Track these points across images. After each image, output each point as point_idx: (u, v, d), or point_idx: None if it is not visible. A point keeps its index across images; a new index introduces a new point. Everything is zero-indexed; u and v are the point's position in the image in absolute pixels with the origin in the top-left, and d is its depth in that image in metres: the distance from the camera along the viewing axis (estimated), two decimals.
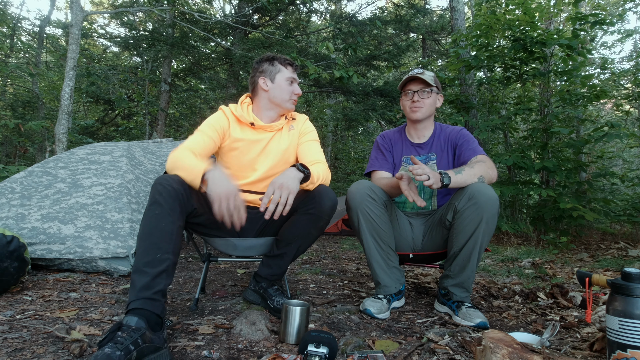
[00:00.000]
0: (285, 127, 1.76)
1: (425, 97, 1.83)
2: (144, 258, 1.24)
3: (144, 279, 1.21)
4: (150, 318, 1.16)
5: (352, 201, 1.70)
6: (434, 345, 1.31)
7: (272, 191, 1.33)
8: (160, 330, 1.18)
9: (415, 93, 1.82)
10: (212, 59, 8.81)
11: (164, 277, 1.24)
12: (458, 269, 1.64)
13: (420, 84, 1.82)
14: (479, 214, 1.54)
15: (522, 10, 4.69)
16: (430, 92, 1.83)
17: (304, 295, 2.00)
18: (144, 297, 1.18)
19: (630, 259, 3.30)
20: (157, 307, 1.20)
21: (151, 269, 1.22)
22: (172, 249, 1.29)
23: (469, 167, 1.65)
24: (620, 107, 6.34)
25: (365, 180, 1.77)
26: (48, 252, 2.24)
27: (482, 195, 1.54)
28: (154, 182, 1.38)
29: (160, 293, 1.22)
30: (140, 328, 1.10)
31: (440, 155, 1.87)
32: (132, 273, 1.25)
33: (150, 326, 1.14)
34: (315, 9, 8.79)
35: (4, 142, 9.77)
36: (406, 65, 12.15)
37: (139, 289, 1.20)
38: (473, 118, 5.53)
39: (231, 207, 1.27)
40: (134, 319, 1.12)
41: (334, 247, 4.35)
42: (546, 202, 4.53)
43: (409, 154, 1.91)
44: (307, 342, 1.14)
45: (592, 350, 1.23)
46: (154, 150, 3.65)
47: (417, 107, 1.83)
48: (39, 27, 9.52)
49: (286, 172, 1.42)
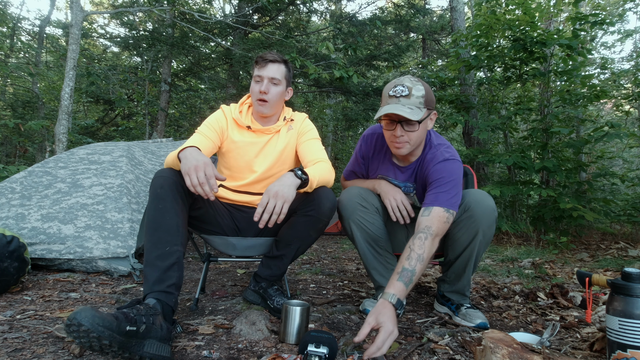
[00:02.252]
0: (284, 128, 1.74)
1: (412, 130, 1.43)
2: (154, 252, 1.27)
3: (155, 273, 1.24)
4: (165, 307, 1.20)
5: (344, 211, 1.64)
6: (434, 345, 1.31)
7: (266, 200, 1.31)
8: (172, 325, 1.22)
9: (398, 125, 1.43)
10: (212, 59, 8.80)
11: (175, 269, 1.27)
12: (454, 277, 1.63)
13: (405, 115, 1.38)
14: (474, 227, 1.49)
15: (522, 10, 4.69)
16: (417, 124, 1.42)
17: (304, 295, 2.00)
18: (158, 290, 1.22)
19: (630, 259, 3.30)
20: (171, 299, 1.23)
21: (162, 262, 1.26)
22: (180, 240, 1.32)
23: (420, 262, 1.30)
24: (620, 107, 6.34)
25: (354, 187, 1.68)
26: (48, 252, 2.24)
27: (478, 207, 1.48)
28: (154, 176, 1.40)
29: (174, 286, 1.26)
30: (156, 309, 1.15)
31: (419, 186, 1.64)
32: (144, 267, 1.28)
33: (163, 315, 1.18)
34: (315, 9, 8.78)
35: (4, 142, 9.77)
36: (406, 65, 12.15)
37: (152, 282, 1.23)
38: (473, 118, 5.53)
39: (201, 177, 1.24)
40: (153, 301, 1.18)
41: (334, 247, 4.35)
42: (546, 202, 4.53)
43: (385, 173, 1.71)
44: (307, 342, 1.14)
45: (592, 350, 1.23)
46: (154, 150, 3.65)
47: (401, 142, 1.47)
48: (39, 27, 9.52)
49: (282, 178, 1.38)
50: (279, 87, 1.65)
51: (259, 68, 1.64)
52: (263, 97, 1.62)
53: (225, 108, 1.73)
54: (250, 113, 1.73)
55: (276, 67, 1.64)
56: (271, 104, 1.65)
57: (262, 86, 1.61)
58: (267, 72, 1.62)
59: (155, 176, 1.39)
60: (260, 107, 1.64)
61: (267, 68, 1.63)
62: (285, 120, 1.74)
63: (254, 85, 1.64)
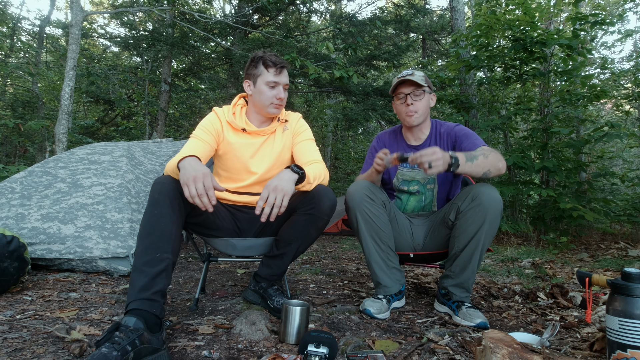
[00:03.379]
0: (279, 129, 1.74)
1: (419, 99, 1.78)
2: (143, 257, 1.25)
3: (143, 279, 1.21)
4: (148, 319, 1.16)
5: (351, 202, 1.70)
6: (434, 345, 1.31)
7: (266, 194, 1.32)
8: (159, 331, 1.17)
9: (408, 96, 1.78)
10: (212, 59, 8.80)
11: (163, 277, 1.24)
12: (459, 270, 1.64)
13: (412, 86, 1.77)
14: (482, 215, 1.54)
15: (522, 10, 4.69)
16: (422, 93, 1.78)
17: (304, 295, 2.00)
18: (143, 297, 1.18)
19: (630, 259, 3.30)
20: (156, 307, 1.20)
21: (150, 269, 1.23)
22: (172, 248, 1.29)
23: (483, 156, 1.54)
24: (620, 107, 6.35)
25: (363, 181, 1.76)
26: (48, 252, 2.24)
27: (485, 196, 1.54)
28: (154, 182, 1.39)
29: (160, 294, 1.22)
30: (138, 329, 1.09)
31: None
32: (131, 272, 1.25)
33: (148, 327, 1.14)
34: (315, 9, 8.79)
35: (4, 142, 9.77)
36: (406, 65, 12.15)
37: (138, 289, 1.19)
38: (473, 118, 5.53)
39: (199, 189, 1.24)
40: (132, 320, 1.11)
41: (334, 247, 4.35)
42: (546, 202, 4.53)
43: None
44: (307, 342, 1.14)
45: (592, 350, 1.23)
46: (154, 150, 3.65)
47: (412, 111, 1.78)
48: (39, 27, 9.53)
49: (280, 174, 1.41)
50: (286, 91, 1.71)
51: (274, 74, 1.62)
52: (280, 103, 1.66)
53: (218, 110, 1.72)
54: (243, 114, 1.72)
55: (286, 73, 1.68)
56: (283, 106, 1.72)
57: (280, 93, 1.64)
58: (282, 78, 1.64)
59: (154, 182, 1.39)
60: (276, 109, 1.67)
61: (283, 74, 1.64)
62: (279, 121, 1.74)
63: (268, 90, 1.62)
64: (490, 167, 1.53)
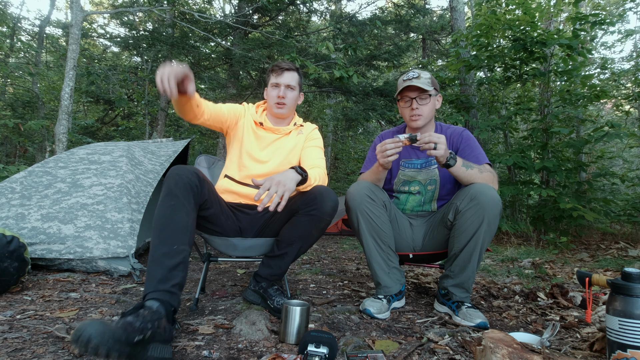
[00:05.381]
0: (294, 132, 1.88)
1: (424, 104, 1.78)
2: (161, 249, 1.26)
3: (161, 271, 1.22)
4: (167, 309, 1.18)
5: (352, 202, 1.70)
6: (434, 345, 1.31)
7: (269, 184, 1.34)
8: (172, 324, 1.20)
9: (414, 100, 1.78)
10: (212, 59, 8.80)
11: (180, 269, 1.26)
12: (458, 269, 1.64)
13: (417, 91, 1.77)
14: (480, 215, 1.54)
15: (522, 10, 4.69)
16: (428, 97, 1.78)
17: (304, 295, 2.00)
18: (163, 289, 1.20)
19: (630, 259, 3.30)
20: (175, 300, 1.22)
21: (168, 260, 1.24)
22: (188, 240, 1.32)
23: (479, 170, 1.63)
24: (620, 107, 6.35)
25: (364, 181, 1.76)
26: (48, 252, 2.24)
27: (484, 196, 1.54)
28: (170, 173, 1.40)
29: (178, 286, 1.24)
30: (160, 312, 1.13)
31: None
32: (149, 263, 1.26)
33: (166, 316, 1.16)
34: (315, 9, 8.77)
35: (4, 142, 9.78)
36: (406, 65, 12.15)
37: (157, 281, 1.21)
38: (473, 118, 5.53)
39: (166, 71, 1.24)
40: (156, 304, 1.15)
41: (334, 247, 4.35)
42: (546, 202, 4.53)
43: (408, 157, 1.90)
44: (307, 342, 1.14)
45: (592, 350, 1.23)
46: (154, 150, 3.64)
47: (417, 115, 1.79)
48: (39, 27, 9.53)
49: (285, 172, 1.44)
50: (294, 91, 1.84)
51: (275, 76, 1.80)
52: (282, 101, 1.80)
53: (245, 104, 1.89)
54: (265, 114, 1.89)
55: (291, 75, 1.81)
56: (288, 106, 1.83)
57: (279, 92, 1.79)
58: (283, 79, 1.79)
59: (170, 172, 1.39)
60: (279, 109, 1.82)
61: (284, 76, 1.79)
62: (295, 125, 1.89)
63: (272, 91, 1.81)
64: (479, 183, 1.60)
